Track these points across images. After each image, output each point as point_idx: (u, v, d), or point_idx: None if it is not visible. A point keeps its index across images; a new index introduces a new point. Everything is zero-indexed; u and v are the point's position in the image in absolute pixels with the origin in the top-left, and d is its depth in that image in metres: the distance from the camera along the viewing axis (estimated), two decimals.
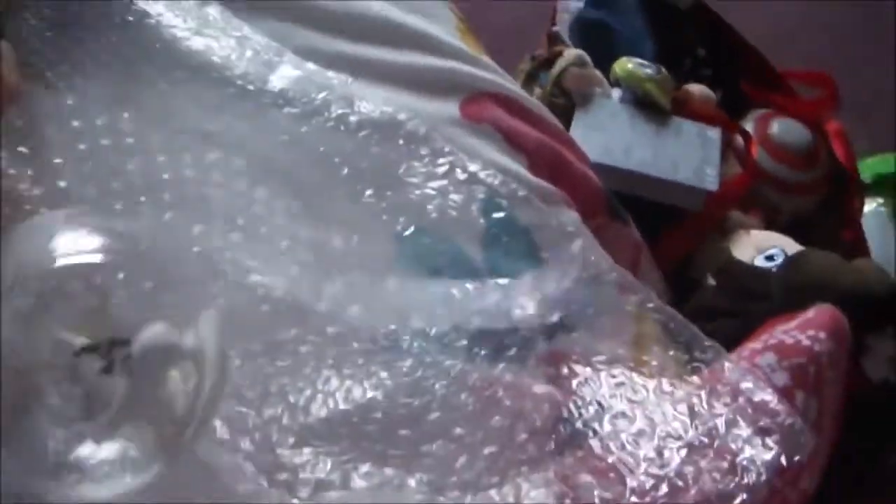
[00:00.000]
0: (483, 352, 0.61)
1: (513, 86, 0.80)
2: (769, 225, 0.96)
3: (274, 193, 0.65)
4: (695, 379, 0.60)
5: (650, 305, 0.65)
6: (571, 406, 0.58)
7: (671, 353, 0.63)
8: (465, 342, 0.62)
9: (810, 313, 0.60)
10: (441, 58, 0.76)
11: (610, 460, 0.55)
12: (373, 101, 0.69)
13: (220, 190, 0.65)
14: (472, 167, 0.68)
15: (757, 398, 0.57)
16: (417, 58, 0.75)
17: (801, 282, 0.71)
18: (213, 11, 0.72)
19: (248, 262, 0.62)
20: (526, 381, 0.61)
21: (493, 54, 0.99)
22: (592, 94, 0.97)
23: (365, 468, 0.55)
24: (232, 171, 0.65)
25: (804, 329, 0.58)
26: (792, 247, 0.84)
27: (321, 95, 0.68)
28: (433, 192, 0.66)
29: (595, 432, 0.57)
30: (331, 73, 0.70)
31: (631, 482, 0.54)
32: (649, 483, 0.54)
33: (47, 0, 0.69)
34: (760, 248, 0.84)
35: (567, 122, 0.94)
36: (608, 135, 0.91)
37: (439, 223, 0.66)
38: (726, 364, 0.60)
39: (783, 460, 0.54)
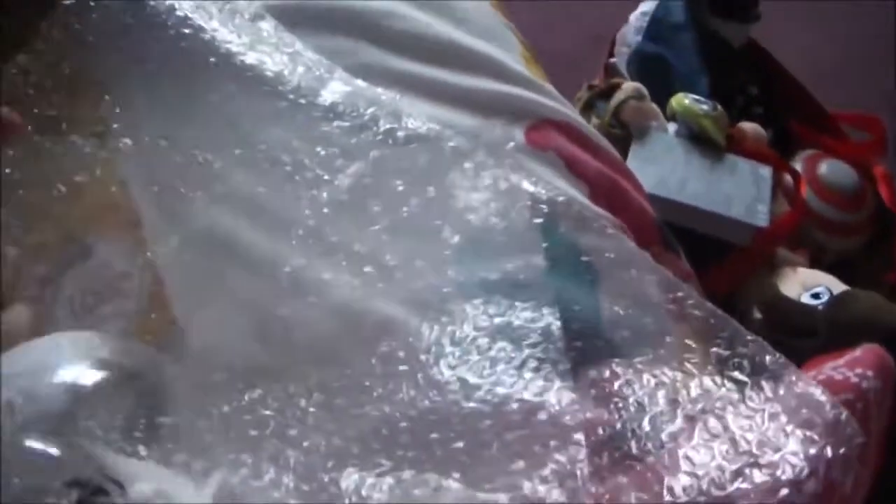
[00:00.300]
0: (536, 369, 0.63)
1: (574, 114, 0.82)
2: (815, 264, 0.98)
3: (325, 207, 0.67)
4: (736, 374, 0.61)
5: (696, 313, 0.66)
6: (619, 426, 0.60)
7: (713, 349, 0.63)
8: (518, 359, 0.63)
9: (858, 352, 0.62)
10: (507, 84, 0.78)
11: (651, 464, 0.56)
12: (419, 118, 0.71)
13: (277, 200, 0.68)
14: (527, 185, 0.70)
15: (800, 390, 0.58)
16: (485, 83, 0.77)
17: (847, 320, 0.73)
18: (267, 27, 0.75)
19: (315, 275, 0.65)
20: (575, 404, 0.62)
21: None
22: (649, 127, 0.99)
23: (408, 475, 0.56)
24: (281, 181, 0.68)
25: (852, 367, 0.60)
26: (837, 286, 0.85)
27: (370, 110, 0.70)
28: (479, 205, 0.67)
29: (644, 453, 0.58)
30: (379, 90, 0.72)
31: (669, 482, 0.55)
32: (689, 481, 0.55)
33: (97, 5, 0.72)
34: (807, 285, 0.86)
35: (623, 153, 0.96)
36: (663, 167, 0.94)
37: (499, 240, 0.67)
38: (767, 358, 0.61)
39: (829, 452, 0.55)
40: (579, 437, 0.59)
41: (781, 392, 0.59)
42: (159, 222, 0.69)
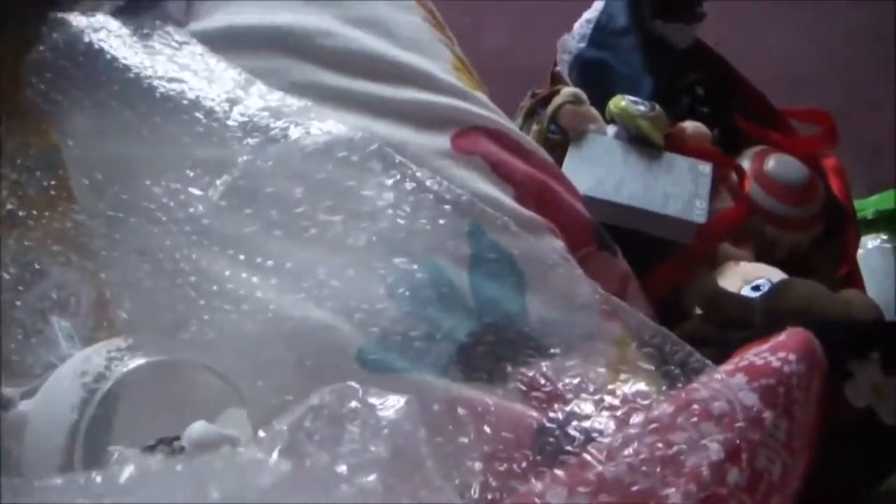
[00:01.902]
0: (465, 372, 0.63)
1: (504, 121, 0.82)
2: (764, 259, 0.97)
3: (251, 222, 0.67)
4: (644, 363, 0.63)
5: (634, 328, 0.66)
6: (549, 425, 0.59)
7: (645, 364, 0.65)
8: (447, 360, 0.64)
9: (782, 336, 0.61)
10: (435, 94, 0.79)
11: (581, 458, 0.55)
12: (331, 125, 0.71)
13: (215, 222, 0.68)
14: (451, 189, 0.70)
15: (708, 376, 0.60)
16: (414, 93, 0.78)
17: (783, 309, 0.72)
18: (193, 51, 0.75)
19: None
20: (506, 402, 0.62)
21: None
22: (586, 130, 0.98)
23: None
24: (210, 205, 0.68)
25: (775, 351, 0.59)
26: (779, 277, 0.84)
27: (279, 123, 0.70)
28: (397, 209, 0.67)
29: (572, 448, 0.58)
30: (291, 101, 0.72)
31: (599, 473, 0.55)
32: (615, 471, 0.55)
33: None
34: (748, 279, 0.85)
35: (563, 158, 0.96)
36: (600, 169, 0.93)
37: (423, 246, 0.67)
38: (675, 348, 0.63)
39: (744, 435, 0.55)
40: (508, 434, 0.59)
41: (693, 380, 0.60)
42: (107, 246, 0.69)
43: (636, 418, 0.58)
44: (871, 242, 1.27)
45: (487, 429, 0.60)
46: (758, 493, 0.55)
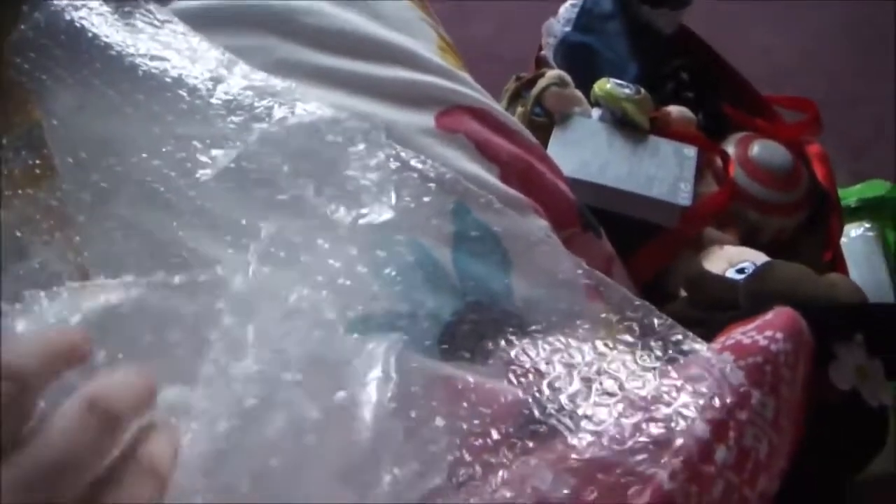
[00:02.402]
0: (449, 350, 0.62)
1: (489, 100, 0.81)
2: (748, 244, 0.97)
3: (237, 201, 0.66)
4: (626, 337, 0.62)
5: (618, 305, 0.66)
6: (532, 404, 0.59)
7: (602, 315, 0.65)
8: (432, 339, 0.63)
9: (769, 315, 0.60)
10: (420, 73, 0.78)
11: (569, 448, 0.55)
12: (314, 104, 0.70)
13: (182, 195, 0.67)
14: (434, 168, 0.69)
15: (687, 347, 0.59)
16: (399, 72, 0.77)
17: (768, 290, 0.72)
18: (174, 30, 0.74)
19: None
20: (498, 384, 0.61)
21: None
22: (571, 112, 0.98)
23: None
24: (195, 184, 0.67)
25: (762, 330, 0.59)
26: (764, 261, 0.84)
27: (263, 103, 0.69)
28: (378, 188, 0.67)
29: (556, 427, 0.57)
30: (276, 81, 0.71)
31: (572, 441, 0.55)
32: (588, 438, 0.55)
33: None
34: (733, 262, 0.85)
35: (547, 140, 0.95)
36: (585, 151, 0.93)
37: (407, 225, 0.66)
38: (655, 320, 0.62)
39: (716, 402, 0.55)
40: (491, 413, 0.59)
41: (670, 351, 0.60)
42: (90, 223, 0.68)
43: (621, 396, 0.57)
44: (854, 230, 1.28)
45: (470, 407, 0.59)
46: (745, 471, 0.55)
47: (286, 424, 0.53)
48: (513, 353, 0.62)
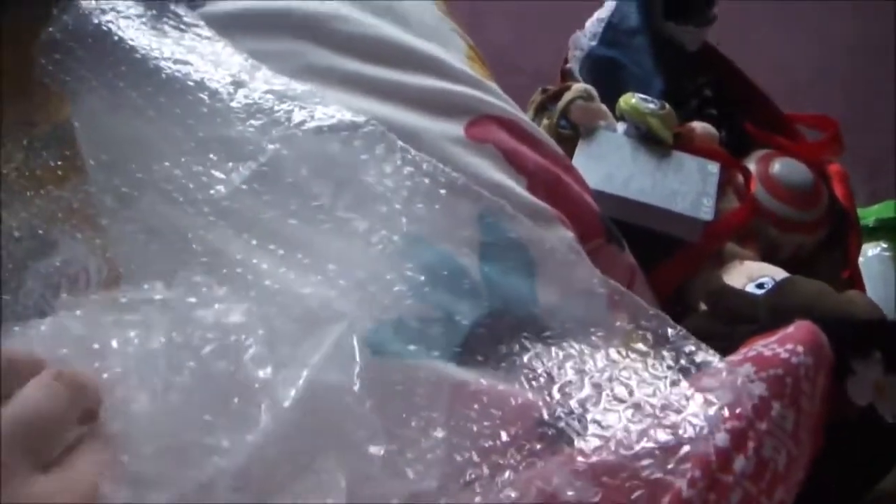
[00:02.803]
0: (477, 358, 0.63)
1: (517, 111, 0.82)
2: (768, 260, 0.97)
3: (263, 207, 0.67)
4: (640, 346, 0.63)
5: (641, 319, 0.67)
6: (554, 412, 0.60)
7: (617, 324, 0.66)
8: (458, 347, 0.63)
9: (790, 329, 0.61)
10: (450, 82, 0.79)
11: (588, 455, 0.56)
12: (336, 109, 0.71)
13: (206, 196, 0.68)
14: (464, 177, 0.70)
15: (700, 359, 0.60)
16: (428, 80, 0.78)
17: (788, 305, 0.73)
18: (201, 34, 0.76)
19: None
20: (510, 388, 0.62)
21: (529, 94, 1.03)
22: (597, 126, 0.99)
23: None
24: (223, 188, 0.68)
25: (783, 343, 0.60)
26: (783, 276, 0.85)
27: (283, 106, 0.71)
28: (406, 194, 0.68)
29: (576, 436, 0.58)
30: (296, 85, 0.73)
31: (579, 444, 0.56)
32: (596, 442, 0.56)
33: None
34: (752, 277, 0.86)
35: (571, 153, 0.97)
36: (609, 165, 0.94)
37: (437, 234, 0.68)
38: (669, 330, 0.63)
39: (726, 412, 0.56)
40: (513, 421, 0.60)
41: (682, 361, 0.61)
42: (117, 223, 0.69)
43: (630, 403, 0.59)
44: (871, 250, 1.29)
45: (481, 409, 0.60)
46: (763, 481, 0.56)
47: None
48: (526, 358, 0.64)
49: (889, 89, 1.85)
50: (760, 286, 0.83)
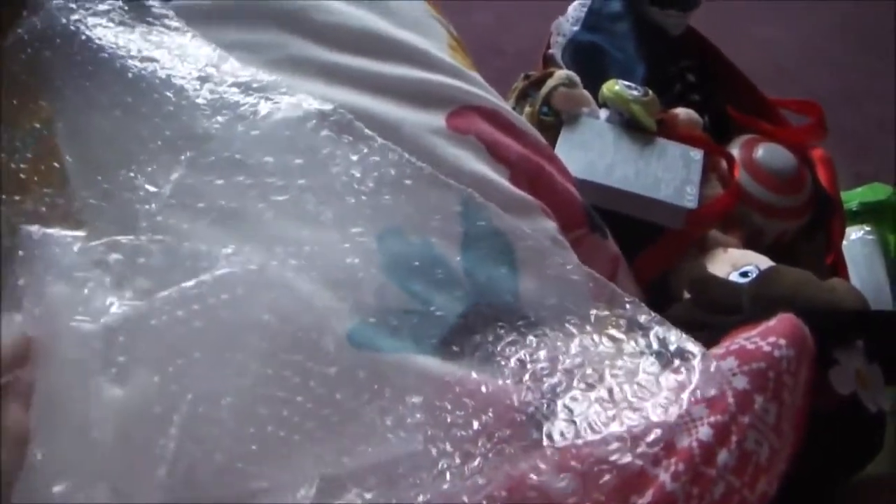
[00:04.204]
0: (454, 348, 0.63)
1: (498, 101, 0.82)
2: (751, 246, 0.97)
3: (234, 197, 0.67)
4: (613, 332, 0.63)
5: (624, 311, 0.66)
6: (538, 405, 0.60)
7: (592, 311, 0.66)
8: (440, 340, 0.63)
9: (772, 322, 0.61)
10: (431, 72, 0.78)
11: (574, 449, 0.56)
12: (299, 97, 0.70)
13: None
14: (445, 168, 0.70)
15: (675, 346, 0.60)
16: (410, 71, 0.77)
17: (771, 295, 0.73)
18: (172, 23, 0.75)
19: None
20: (483, 377, 0.62)
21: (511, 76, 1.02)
22: (579, 113, 0.99)
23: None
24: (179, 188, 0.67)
25: (765, 336, 0.60)
26: (767, 264, 0.85)
27: (249, 100, 0.70)
28: (378, 185, 0.67)
29: (562, 429, 0.58)
30: (262, 76, 0.72)
31: (548, 428, 0.57)
32: (566, 427, 0.57)
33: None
34: (736, 265, 0.86)
35: (554, 140, 0.96)
36: (592, 152, 0.93)
37: (416, 224, 0.67)
38: (643, 317, 0.63)
39: (698, 394, 0.57)
40: (497, 414, 0.60)
41: (656, 347, 0.61)
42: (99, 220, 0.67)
43: (612, 391, 0.59)
44: (854, 233, 1.29)
45: (477, 408, 0.60)
46: (745, 474, 0.56)
47: None
48: (501, 347, 0.63)
49: (875, 71, 1.85)
50: (744, 275, 0.83)
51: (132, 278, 0.61)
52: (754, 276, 0.82)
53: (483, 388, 0.60)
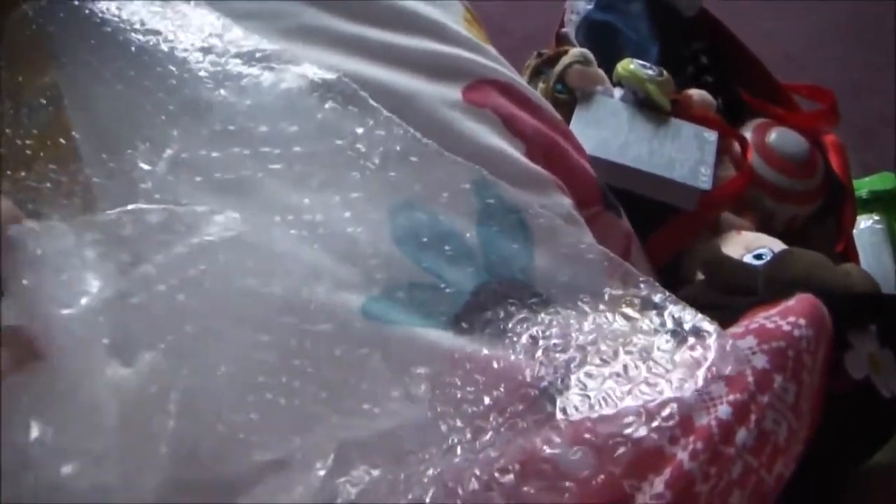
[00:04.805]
0: (464, 325, 0.63)
1: (514, 74, 0.81)
2: (764, 231, 0.97)
3: (243, 165, 0.66)
4: (628, 311, 0.63)
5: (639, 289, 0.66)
6: (552, 381, 0.59)
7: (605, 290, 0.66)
8: (454, 315, 0.63)
9: (791, 301, 0.61)
10: (447, 45, 0.77)
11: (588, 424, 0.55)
12: (304, 68, 0.69)
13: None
14: (459, 140, 0.70)
15: (689, 325, 0.60)
16: (424, 43, 0.76)
17: (786, 277, 0.72)
18: None
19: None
20: (494, 352, 0.61)
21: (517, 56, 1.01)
22: (594, 91, 0.98)
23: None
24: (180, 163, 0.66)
25: (785, 315, 0.59)
26: (780, 247, 0.85)
27: (253, 70, 0.69)
28: (395, 157, 0.67)
29: (576, 405, 0.58)
30: (266, 45, 0.71)
31: (562, 403, 0.56)
32: (580, 401, 0.56)
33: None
34: (750, 247, 0.85)
35: (568, 118, 0.95)
36: (606, 130, 0.93)
37: (430, 197, 0.66)
38: (658, 295, 0.63)
39: (714, 371, 0.56)
40: (511, 389, 0.59)
41: (670, 325, 0.61)
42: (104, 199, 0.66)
43: (627, 367, 0.58)
44: (863, 222, 1.29)
45: (488, 384, 0.60)
46: (763, 454, 0.55)
47: None
48: (512, 323, 0.63)
49: (882, 61, 1.84)
50: (758, 257, 0.82)
51: (115, 256, 0.59)
52: (768, 258, 0.81)
53: (495, 364, 0.59)
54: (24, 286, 0.54)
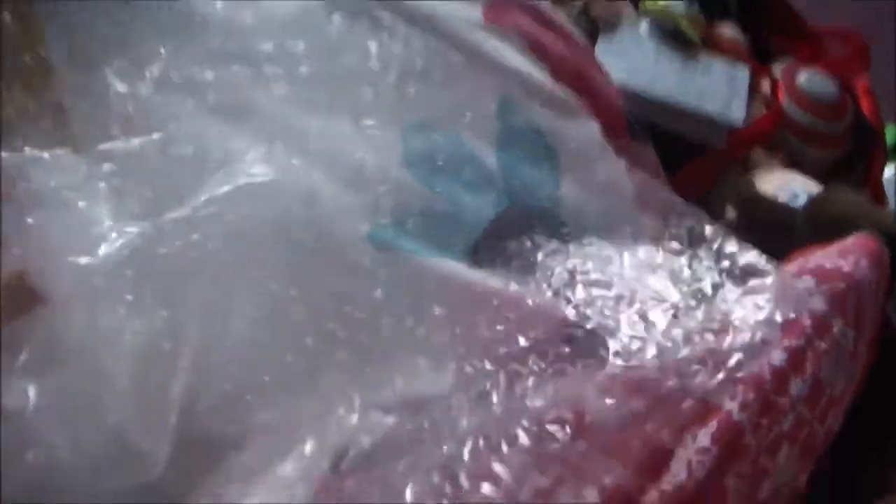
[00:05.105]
0: (490, 257, 0.58)
1: None
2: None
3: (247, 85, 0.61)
4: (675, 245, 0.58)
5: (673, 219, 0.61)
6: (580, 318, 0.54)
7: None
8: (472, 243, 0.59)
9: (850, 240, 0.56)
10: None
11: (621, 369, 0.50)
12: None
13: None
14: (482, 61, 0.65)
15: (743, 261, 0.55)
16: None
17: (829, 216, 0.69)
18: None
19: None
20: (525, 288, 0.56)
21: None
22: (619, 22, 0.92)
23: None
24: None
25: (844, 255, 0.54)
26: (813, 188, 0.80)
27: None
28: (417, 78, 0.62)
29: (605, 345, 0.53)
30: None
31: (614, 345, 0.51)
32: (635, 345, 0.50)
33: None
34: (783, 186, 0.81)
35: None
36: (633, 61, 0.87)
37: (449, 119, 0.61)
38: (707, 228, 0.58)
39: (778, 317, 0.50)
40: (534, 325, 0.54)
41: (724, 263, 0.56)
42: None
43: (681, 309, 0.52)
44: (887, 171, 1.24)
45: (506, 318, 0.54)
46: (818, 406, 0.51)
47: None
48: (542, 256, 0.58)
49: None
50: (793, 196, 0.77)
51: (130, 192, 0.54)
52: (803, 197, 0.76)
53: (529, 301, 0.54)
54: (29, 225, 0.48)
